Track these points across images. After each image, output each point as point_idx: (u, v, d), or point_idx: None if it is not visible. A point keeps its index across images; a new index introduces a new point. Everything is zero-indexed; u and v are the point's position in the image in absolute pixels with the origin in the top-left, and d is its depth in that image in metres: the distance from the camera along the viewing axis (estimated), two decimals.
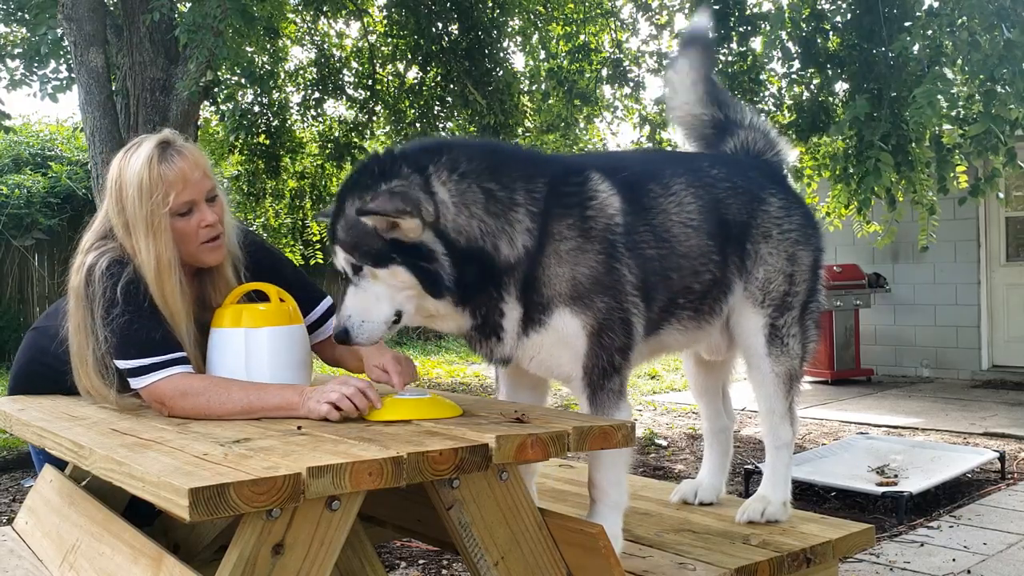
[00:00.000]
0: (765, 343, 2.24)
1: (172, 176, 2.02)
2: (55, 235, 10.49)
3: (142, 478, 1.40)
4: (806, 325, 2.30)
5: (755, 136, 2.41)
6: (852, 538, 2.17)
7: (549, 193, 1.90)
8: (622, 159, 2.47)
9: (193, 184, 2.05)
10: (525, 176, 1.91)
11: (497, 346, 1.94)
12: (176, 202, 2.03)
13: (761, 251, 2.23)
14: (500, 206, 1.85)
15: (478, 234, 1.82)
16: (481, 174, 1.86)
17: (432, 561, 3.61)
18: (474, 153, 1.91)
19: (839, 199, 6.60)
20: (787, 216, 2.27)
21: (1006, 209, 8.83)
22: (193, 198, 2.06)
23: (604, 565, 1.69)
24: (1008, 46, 5.08)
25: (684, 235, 2.10)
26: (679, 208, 2.11)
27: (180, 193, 2.03)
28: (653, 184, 2.11)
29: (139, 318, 1.99)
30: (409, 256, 1.79)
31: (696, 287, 2.13)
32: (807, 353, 2.31)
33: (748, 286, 2.22)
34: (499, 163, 1.91)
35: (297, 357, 2.09)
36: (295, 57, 9.65)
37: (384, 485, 1.44)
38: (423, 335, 13.23)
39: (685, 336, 2.19)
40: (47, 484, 2.31)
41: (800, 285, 2.27)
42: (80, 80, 5.13)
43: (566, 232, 1.90)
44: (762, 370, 2.25)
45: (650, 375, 9.67)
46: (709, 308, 2.18)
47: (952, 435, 6.16)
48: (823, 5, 6.63)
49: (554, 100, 8.58)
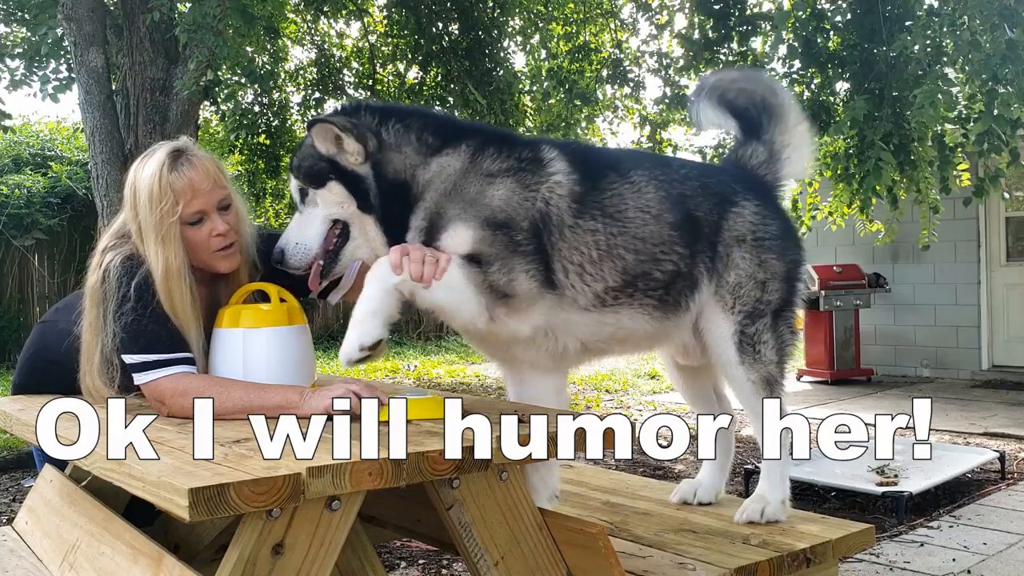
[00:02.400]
0: (736, 351, 2.22)
1: (180, 186, 2.04)
2: (55, 235, 10.49)
3: (142, 478, 1.40)
4: (779, 331, 2.28)
5: (758, 150, 2.41)
6: (852, 538, 2.17)
7: (484, 148, 2.06)
8: (595, 150, 2.56)
9: (203, 194, 2.06)
10: (470, 138, 2.09)
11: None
12: (185, 212, 2.05)
13: (733, 255, 2.23)
14: (427, 148, 2.05)
15: (403, 167, 2.03)
16: (424, 128, 2.07)
17: (432, 561, 3.61)
18: (428, 117, 2.14)
19: (840, 198, 6.61)
20: (762, 224, 2.27)
21: (1006, 209, 8.84)
22: (203, 208, 2.07)
23: (604, 565, 1.69)
24: (1011, 46, 5.08)
25: (640, 220, 2.12)
26: (636, 195, 2.14)
27: (189, 203, 2.05)
28: (610, 171, 2.17)
29: (149, 315, 2.01)
30: (346, 178, 2.02)
31: (657, 274, 2.14)
32: (784, 357, 2.30)
33: (719, 289, 2.22)
34: (445, 124, 2.13)
35: (296, 358, 2.08)
36: (295, 57, 9.67)
37: (384, 485, 1.44)
38: (423, 335, 13.23)
39: (651, 325, 2.19)
40: (47, 484, 2.31)
41: (773, 294, 2.26)
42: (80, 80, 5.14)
43: (487, 165, 2.03)
44: (738, 379, 2.25)
45: (650, 375, 9.67)
46: (675, 300, 2.18)
47: (952, 435, 6.16)
48: (823, 5, 6.64)
49: (554, 100, 8.58)
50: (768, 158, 2.41)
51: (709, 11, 6.83)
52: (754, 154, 2.41)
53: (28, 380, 2.45)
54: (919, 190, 6.32)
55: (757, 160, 2.41)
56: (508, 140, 2.14)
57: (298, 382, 2.04)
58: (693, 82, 7.77)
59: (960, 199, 7.15)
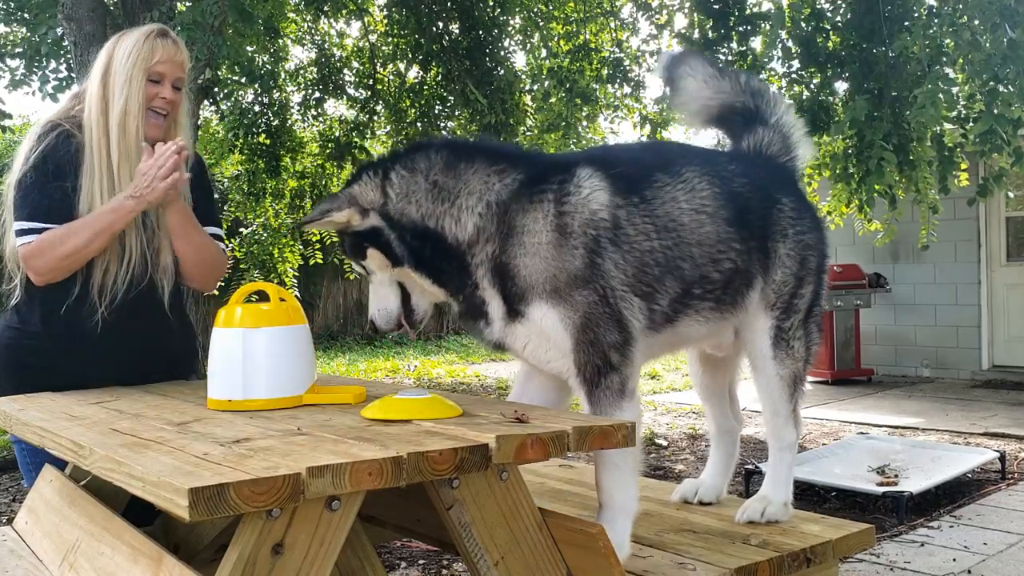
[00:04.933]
0: (771, 345, 2.23)
1: (161, 47, 2.35)
2: None
3: (142, 478, 1.40)
4: (810, 328, 2.29)
5: (773, 137, 2.40)
6: (852, 538, 2.17)
7: (520, 186, 2.00)
8: (628, 151, 2.51)
9: (172, 64, 2.36)
10: (487, 169, 2.04)
11: (486, 329, 2.05)
12: (154, 67, 2.33)
13: (779, 251, 2.22)
14: (445, 193, 2.02)
15: (418, 217, 2.02)
16: (431, 169, 2.04)
17: (432, 561, 3.61)
18: (439, 151, 2.08)
19: (840, 198, 6.61)
20: (799, 218, 2.26)
21: (1006, 209, 8.84)
22: (166, 72, 2.36)
23: (604, 565, 1.69)
24: (1011, 45, 5.08)
25: (697, 222, 2.09)
26: (691, 195, 2.11)
27: (161, 63, 2.34)
28: (659, 173, 2.11)
29: (41, 182, 2.26)
30: (371, 239, 2.04)
31: (715, 276, 2.11)
32: (811, 355, 2.30)
33: (766, 287, 2.22)
34: (457, 159, 2.06)
35: (296, 357, 2.08)
36: (296, 57, 9.66)
37: (384, 485, 1.43)
38: (423, 335, 13.24)
39: (706, 327, 2.17)
40: (47, 484, 2.31)
41: (807, 288, 2.26)
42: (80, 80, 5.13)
43: (532, 226, 1.97)
44: (767, 373, 2.24)
45: (650, 375, 9.67)
46: (731, 299, 2.16)
47: (952, 435, 6.16)
48: (823, 5, 6.64)
49: (555, 99, 8.58)
50: (783, 144, 2.38)
51: (709, 11, 6.83)
52: (770, 142, 2.38)
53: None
54: (918, 190, 6.32)
55: (775, 148, 2.38)
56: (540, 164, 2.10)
57: (298, 382, 2.05)
58: None
59: (960, 199, 7.15)
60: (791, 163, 2.39)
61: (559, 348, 1.98)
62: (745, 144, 2.39)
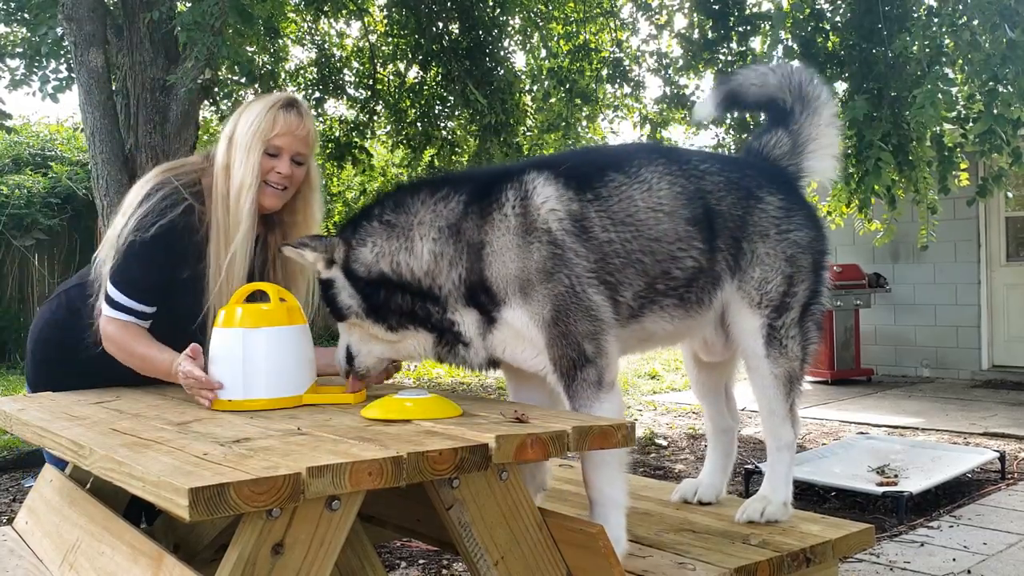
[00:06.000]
0: (763, 345, 2.23)
1: (283, 119, 2.32)
2: (55, 235, 10.50)
3: (142, 478, 1.40)
4: (806, 327, 2.28)
5: (783, 140, 2.40)
6: (852, 538, 2.17)
7: (465, 205, 2.06)
8: (577, 154, 2.58)
9: (292, 138, 2.33)
10: (432, 198, 2.09)
11: (468, 352, 2.08)
12: (273, 140, 2.30)
13: (758, 250, 2.22)
14: (398, 230, 2.07)
15: (373, 259, 2.07)
16: (384, 212, 2.11)
17: (432, 561, 3.61)
18: (391, 195, 2.16)
19: (839, 198, 6.61)
20: (787, 217, 2.25)
21: (1006, 209, 8.84)
22: (283, 146, 2.33)
23: (604, 565, 1.69)
24: (1011, 46, 5.08)
25: (654, 219, 2.11)
26: (647, 194, 2.12)
27: (280, 135, 2.31)
28: (613, 172, 2.14)
29: (149, 259, 2.24)
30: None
31: (676, 273, 2.13)
32: (808, 355, 2.30)
33: (743, 285, 2.21)
34: (404, 196, 2.13)
35: (296, 358, 2.09)
36: (296, 57, 9.65)
37: (384, 485, 1.44)
38: None
39: (673, 325, 2.19)
40: (47, 484, 2.31)
41: (799, 287, 2.26)
42: (80, 80, 5.13)
43: (490, 236, 2.02)
44: (761, 372, 2.24)
45: (650, 375, 9.67)
46: (696, 298, 2.17)
47: (952, 435, 6.16)
48: (823, 5, 6.63)
49: (555, 99, 8.58)
50: (791, 149, 2.39)
51: (709, 11, 6.83)
52: (778, 143, 2.40)
53: (41, 345, 2.48)
54: (918, 190, 6.32)
55: (781, 150, 2.39)
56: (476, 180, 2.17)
57: (298, 382, 2.06)
58: (693, 82, 7.77)
59: (960, 199, 7.15)
60: (793, 168, 2.39)
61: (534, 345, 2.01)
62: (757, 143, 2.42)
